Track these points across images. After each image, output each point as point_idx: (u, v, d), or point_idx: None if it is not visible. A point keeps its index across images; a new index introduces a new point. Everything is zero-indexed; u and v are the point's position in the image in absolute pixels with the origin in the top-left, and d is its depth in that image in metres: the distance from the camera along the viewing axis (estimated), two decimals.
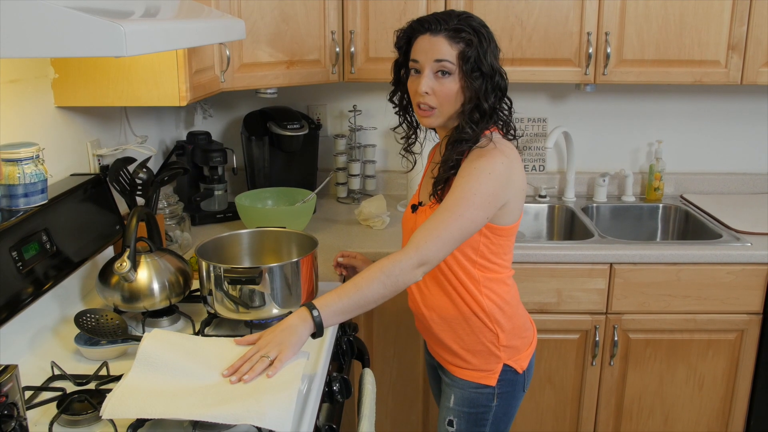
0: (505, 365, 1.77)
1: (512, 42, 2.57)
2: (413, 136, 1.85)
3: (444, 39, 1.60)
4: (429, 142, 1.95)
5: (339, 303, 1.52)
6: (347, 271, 2.04)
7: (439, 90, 1.62)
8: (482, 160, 1.59)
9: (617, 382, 2.57)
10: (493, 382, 1.77)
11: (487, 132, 1.65)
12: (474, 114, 1.63)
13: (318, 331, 1.51)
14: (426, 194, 1.76)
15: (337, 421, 1.64)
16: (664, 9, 2.54)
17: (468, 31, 1.59)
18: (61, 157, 2.03)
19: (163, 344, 1.55)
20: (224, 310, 1.78)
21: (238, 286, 1.74)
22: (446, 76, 1.61)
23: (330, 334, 1.82)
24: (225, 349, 1.56)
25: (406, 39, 1.69)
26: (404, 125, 1.84)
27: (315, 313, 1.50)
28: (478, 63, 1.59)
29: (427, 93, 1.63)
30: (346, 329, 2.02)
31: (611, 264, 2.44)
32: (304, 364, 1.51)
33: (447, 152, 1.67)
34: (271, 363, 1.44)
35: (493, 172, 1.59)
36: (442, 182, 1.66)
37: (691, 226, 2.88)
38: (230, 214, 2.73)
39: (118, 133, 2.41)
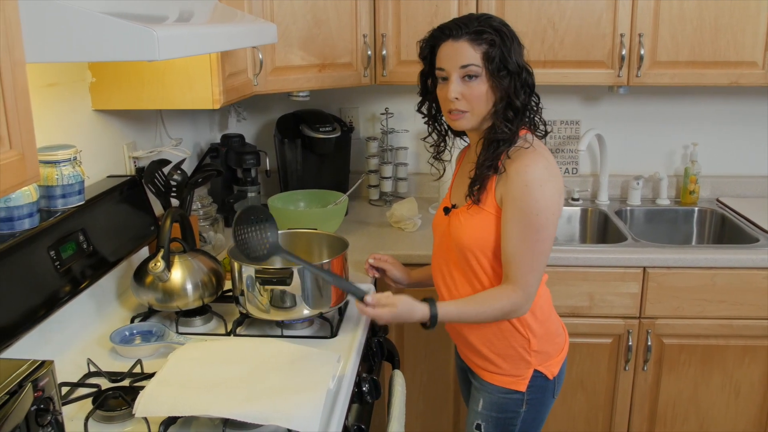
0: (535, 371, 1.76)
1: (544, 44, 2.56)
2: (443, 144, 1.85)
3: (466, 43, 1.60)
4: (456, 150, 1.96)
5: (456, 315, 1.68)
6: (378, 274, 2.05)
7: (469, 93, 1.62)
8: (527, 173, 1.59)
9: (651, 387, 2.54)
10: (522, 388, 1.76)
11: (522, 133, 1.65)
12: (507, 112, 1.63)
13: (431, 323, 1.63)
14: (459, 196, 1.76)
15: (367, 422, 1.65)
16: (699, 10, 2.51)
17: (489, 32, 1.59)
18: (98, 159, 2.07)
19: (194, 344, 1.59)
20: (255, 310, 1.80)
21: (269, 287, 1.76)
22: (473, 79, 1.61)
23: (360, 334, 1.84)
24: (253, 347, 1.59)
25: (429, 48, 1.69)
26: (434, 135, 1.84)
27: (434, 310, 1.63)
28: (504, 62, 1.59)
29: (457, 99, 1.63)
30: (377, 331, 2.03)
31: (645, 268, 2.42)
32: (334, 365, 1.52)
33: (483, 153, 1.66)
34: None
35: (542, 182, 1.59)
36: (479, 182, 1.66)
37: (727, 230, 2.83)
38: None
39: (154, 136, 2.45)
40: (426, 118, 1.82)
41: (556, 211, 1.63)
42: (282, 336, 1.82)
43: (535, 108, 1.68)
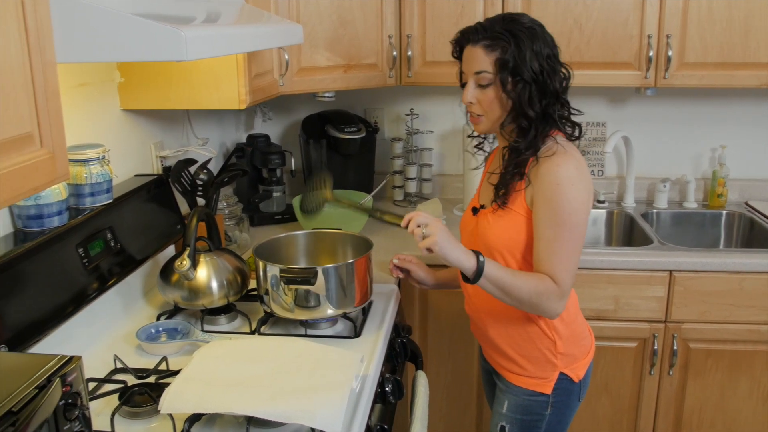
0: (561, 373, 1.75)
1: (570, 45, 2.54)
2: (481, 137, 1.86)
3: (481, 49, 1.60)
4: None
5: (498, 274, 1.59)
6: (403, 274, 2.05)
7: (482, 98, 1.64)
8: (558, 172, 1.58)
9: (676, 392, 2.52)
10: (548, 390, 1.75)
11: (552, 134, 1.64)
12: (520, 121, 1.62)
13: (476, 276, 1.57)
14: (486, 197, 1.76)
15: (389, 422, 1.65)
16: (729, 11, 2.48)
17: (505, 37, 1.57)
18: (126, 158, 2.10)
19: (219, 342, 1.60)
20: (280, 309, 1.81)
21: (294, 286, 1.77)
22: (487, 86, 1.62)
23: (384, 335, 1.84)
24: (277, 346, 1.60)
25: (458, 49, 1.71)
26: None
27: (481, 258, 1.57)
28: (518, 69, 1.57)
29: (471, 103, 1.65)
30: (400, 331, 2.03)
31: (671, 271, 2.39)
32: (357, 365, 1.53)
33: (507, 159, 1.67)
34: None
35: (574, 182, 1.59)
36: (503, 187, 1.66)
37: (756, 233, 2.79)
38: (288, 216, 2.78)
39: (181, 136, 2.47)
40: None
41: (587, 211, 1.63)
42: (306, 335, 1.83)
43: (565, 115, 1.67)
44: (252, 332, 1.85)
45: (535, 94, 1.59)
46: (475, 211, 1.80)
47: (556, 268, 1.60)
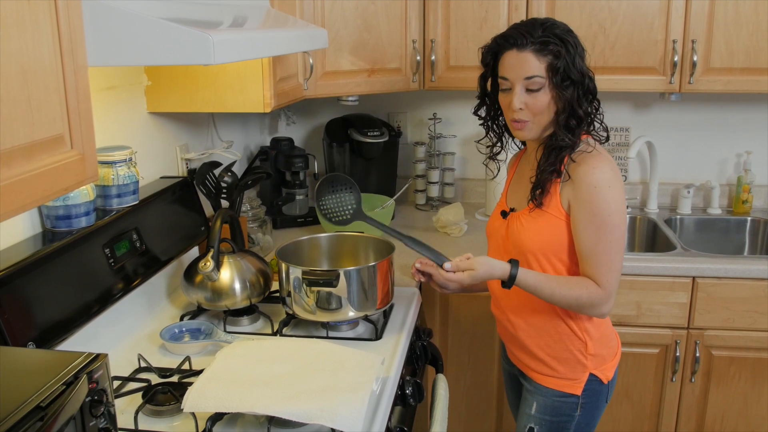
0: (591, 374, 1.75)
1: (594, 50, 2.53)
2: (499, 146, 1.85)
3: (531, 54, 1.59)
4: (511, 152, 1.96)
5: (533, 284, 1.64)
6: (424, 278, 2.05)
7: (532, 104, 1.62)
8: (595, 174, 1.59)
9: (698, 400, 2.50)
10: (578, 392, 1.75)
11: (583, 137, 1.66)
12: (570, 121, 1.63)
13: (509, 282, 1.64)
14: (517, 200, 1.77)
15: (409, 424, 1.66)
16: (756, 15, 2.46)
17: (555, 42, 1.59)
18: (152, 161, 2.12)
19: (241, 343, 1.62)
20: (302, 311, 1.82)
21: (316, 289, 1.78)
22: (537, 90, 1.61)
23: (404, 338, 1.85)
24: (299, 347, 1.61)
25: (492, 55, 1.70)
26: (490, 134, 1.84)
27: (514, 271, 1.63)
28: (568, 72, 1.59)
29: (520, 109, 1.63)
30: (421, 334, 2.04)
31: (694, 278, 2.38)
32: (378, 367, 1.53)
33: (545, 159, 1.67)
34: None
35: (611, 183, 1.60)
36: (541, 187, 1.67)
37: None
38: (310, 219, 2.79)
39: (206, 138, 2.50)
40: (482, 121, 1.83)
41: (625, 211, 1.65)
42: (327, 337, 1.84)
43: (598, 114, 1.69)
44: (274, 333, 1.87)
45: (581, 94, 1.62)
46: (504, 214, 1.80)
47: (600, 271, 1.61)
